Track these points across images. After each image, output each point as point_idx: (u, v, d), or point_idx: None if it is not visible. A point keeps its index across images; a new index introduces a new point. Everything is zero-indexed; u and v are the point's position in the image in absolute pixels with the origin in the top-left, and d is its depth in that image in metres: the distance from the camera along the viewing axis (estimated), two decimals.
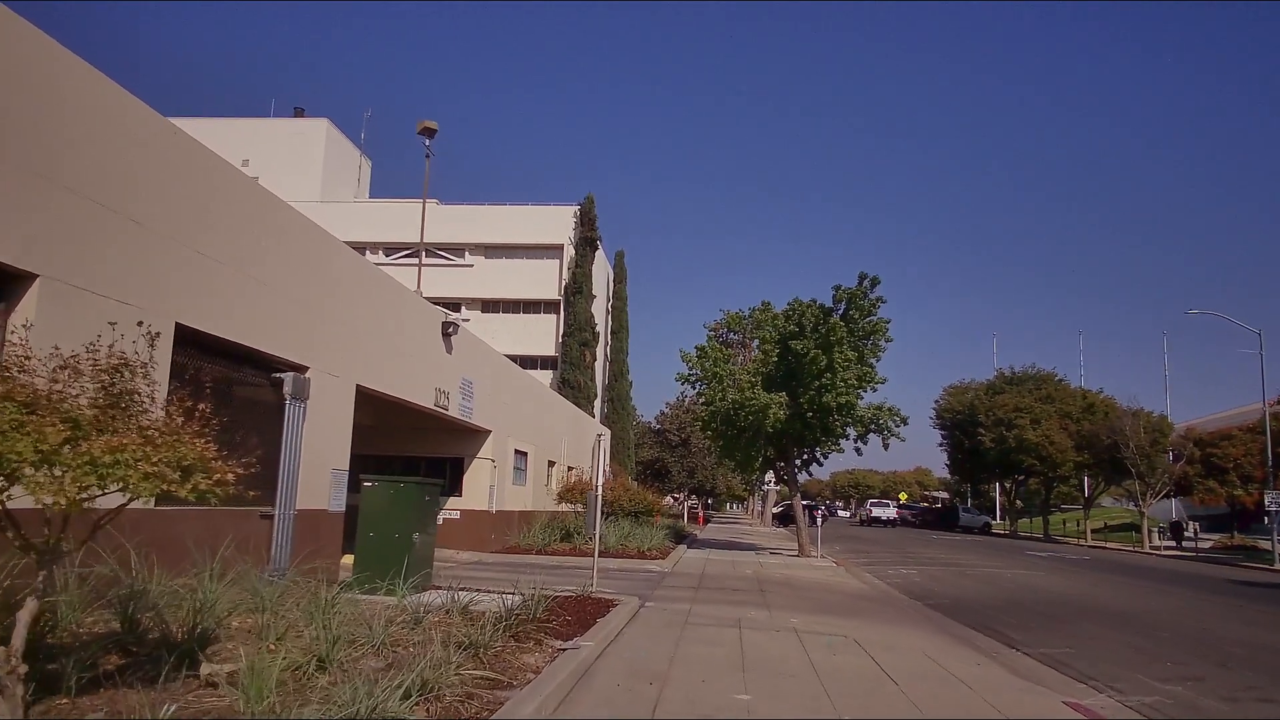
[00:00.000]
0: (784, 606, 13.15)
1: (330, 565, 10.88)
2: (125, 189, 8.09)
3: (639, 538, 21.52)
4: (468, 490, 20.12)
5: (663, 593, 14.22)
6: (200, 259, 9.10)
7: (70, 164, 7.46)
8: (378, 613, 7.68)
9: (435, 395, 16.08)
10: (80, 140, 7.60)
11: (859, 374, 23.92)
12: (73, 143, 7.50)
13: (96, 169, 7.78)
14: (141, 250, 8.26)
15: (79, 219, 7.51)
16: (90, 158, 7.71)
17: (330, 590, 7.81)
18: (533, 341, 54.27)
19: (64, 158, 7.40)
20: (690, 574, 18.03)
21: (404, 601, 8.47)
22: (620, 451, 53.49)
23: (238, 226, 9.88)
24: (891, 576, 20.58)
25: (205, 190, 9.37)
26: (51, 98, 7.31)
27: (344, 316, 12.40)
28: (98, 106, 7.87)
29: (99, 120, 7.86)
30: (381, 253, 56.93)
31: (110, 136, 7.99)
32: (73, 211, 7.45)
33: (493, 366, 20.86)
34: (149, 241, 8.36)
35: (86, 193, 7.61)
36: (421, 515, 10.32)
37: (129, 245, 8.11)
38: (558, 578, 15.52)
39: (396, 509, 9.98)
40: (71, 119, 7.52)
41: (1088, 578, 22.37)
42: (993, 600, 16.04)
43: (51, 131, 7.28)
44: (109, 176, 7.92)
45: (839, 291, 24.32)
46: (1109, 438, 44.41)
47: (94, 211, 7.69)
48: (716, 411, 24.95)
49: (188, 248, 8.91)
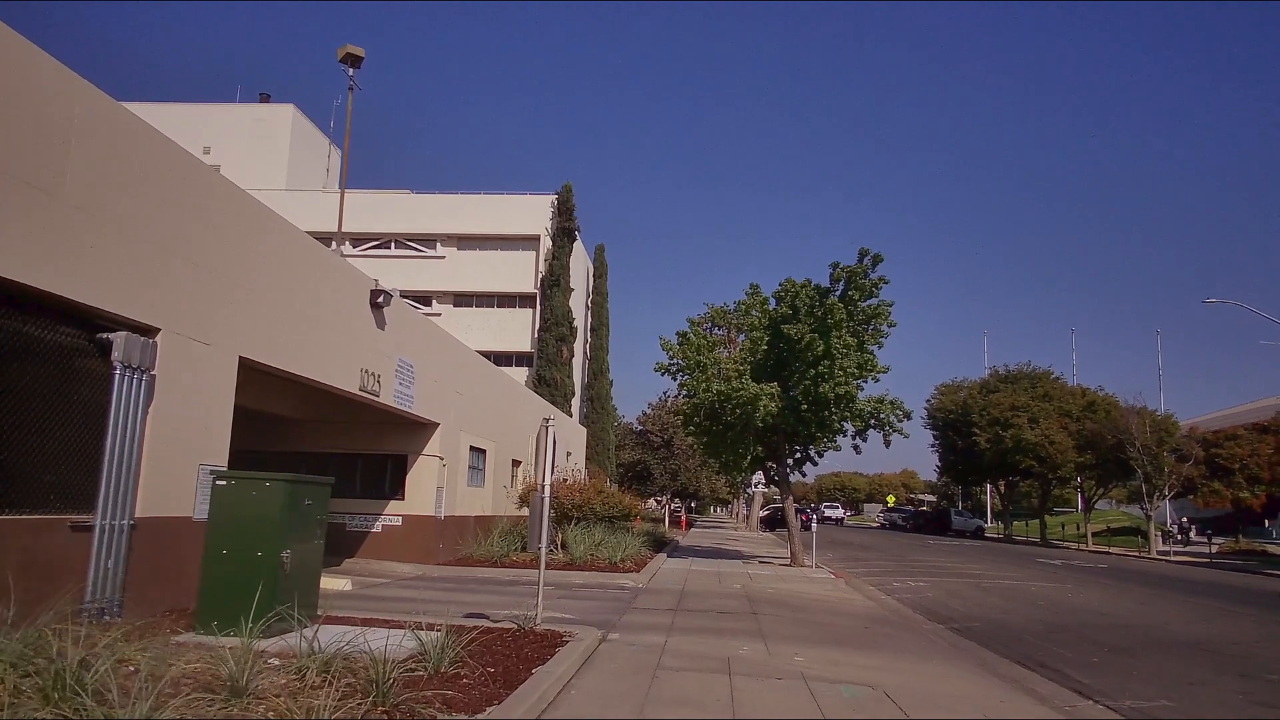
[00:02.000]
0: (784, 636, 10.51)
1: (193, 593, 8.13)
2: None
3: (612, 546, 18.84)
4: (411, 492, 17.36)
5: (633, 618, 11.54)
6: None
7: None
8: (178, 674, 4.97)
9: (361, 378, 13.34)
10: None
11: (859, 361, 21.33)
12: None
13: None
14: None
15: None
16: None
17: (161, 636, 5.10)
18: (508, 337, 51.58)
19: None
20: (669, 590, 15.36)
21: (250, 649, 5.72)
22: (600, 453, 50.81)
23: (35, 128, 7.13)
24: (900, 590, 17.99)
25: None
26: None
27: (225, 270, 9.66)
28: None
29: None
30: (349, 243, 54.04)
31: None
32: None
33: (442, 350, 18.12)
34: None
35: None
36: (298, 525, 7.59)
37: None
38: (508, 598, 12.78)
39: (260, 517, 7.23)
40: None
41: (1123, 591, 19.84)
42: (1030, 623, 13.46)
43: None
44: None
45: (837, 270, 21.73)
46: (1114, 437, 42.10)
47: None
48: (700, 404, 22.28)
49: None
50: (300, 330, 11.35)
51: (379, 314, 13.96)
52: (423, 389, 16.32)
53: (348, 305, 12.97)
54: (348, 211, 54.99)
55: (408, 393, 15.39)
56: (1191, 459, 41.50)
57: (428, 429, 17.43)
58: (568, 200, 50.75)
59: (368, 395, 13.61)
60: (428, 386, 16.66)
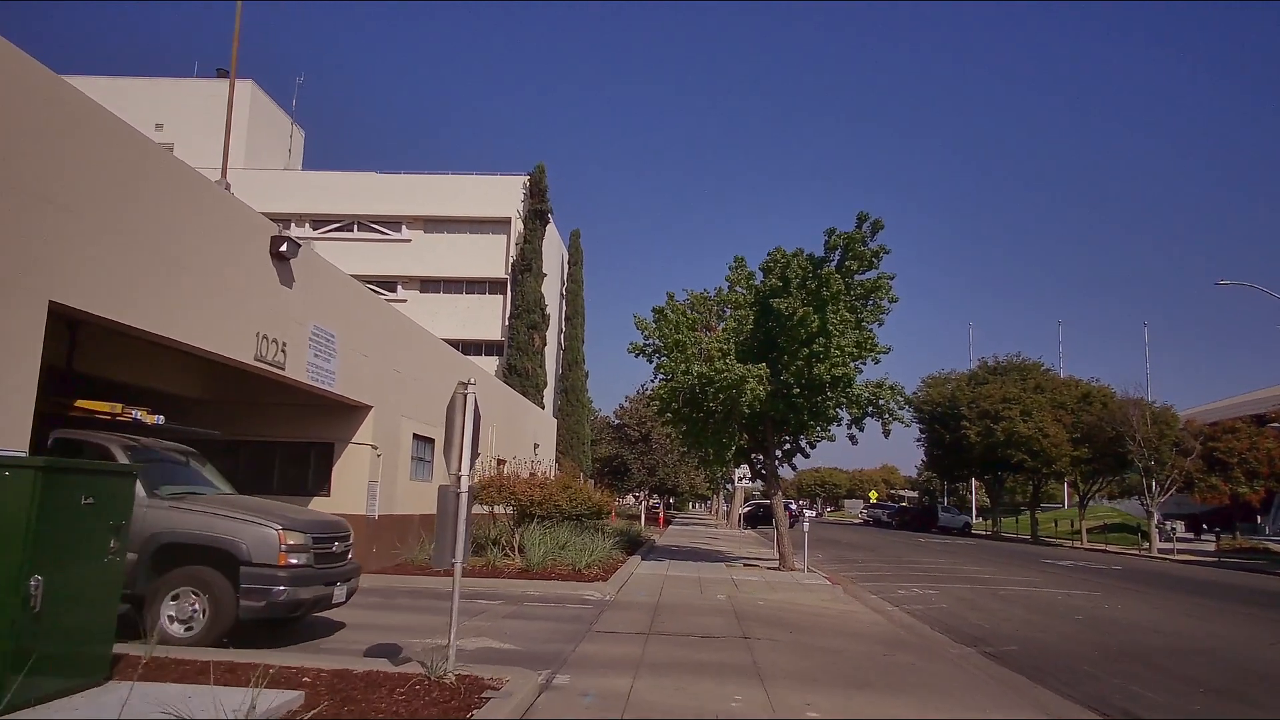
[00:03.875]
0: (786, 672, 8.06)
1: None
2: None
3: (577, 549, 16.31)
4: (339, 488, 14.72)
5: (592, 647, 9.03)
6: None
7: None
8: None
9: (258, 344, 10.70)
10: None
11: (857, 340, 18.95)
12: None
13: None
14: None
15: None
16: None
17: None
18: (477, 325, 48.90)
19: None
20: (640, 604, 12.87)
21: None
22: (574, 447, 48.31)
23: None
24: (907, 600, 15.63)
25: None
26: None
27: (32, 186, 7.04)
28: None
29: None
30: (308, 225, 51.09)
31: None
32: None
33: (377, 321, 15.49)
34: None
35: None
36: (67, 536, 5.01)
37: None
38: (443, 617, 10.21)
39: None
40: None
41: (1161, 599, 17.54)
42: (1077, 645, 11.10)
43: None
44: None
45: (833, 237, 19.29)
46: (1113, 430, 40.12)
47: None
48: (679, 388, 19.78)
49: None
50: (159, 275, 8.72)
51: (284, 267, 11.31)
52: (349, 365, 13.69)
53: (238, 252, 10.34)
54: (308, 193, 52.40)
55: (326, 367, 12.75)
56: (1193, 453, 39.59)
57: (358, 413, 14.81)
58: (540, 181, 48.07)
59: (268, 367, 10.97)
60: (356, 362, 14.04)
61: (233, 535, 8.24)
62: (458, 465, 6.36)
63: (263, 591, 8.07)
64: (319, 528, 9.05)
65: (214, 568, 8.18)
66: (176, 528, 8.27)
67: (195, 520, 8.34)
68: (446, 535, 6.18)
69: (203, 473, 9.85)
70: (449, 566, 6.35)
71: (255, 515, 8.44)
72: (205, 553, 8.21)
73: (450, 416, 6.36)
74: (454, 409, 6.36)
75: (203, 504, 8.63)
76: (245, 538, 8.22)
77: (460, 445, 6.34)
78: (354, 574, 9.59)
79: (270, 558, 8.18)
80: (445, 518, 6.21)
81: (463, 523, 6.26)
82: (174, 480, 9.16)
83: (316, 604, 8.80)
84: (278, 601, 8.10)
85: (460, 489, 6.33)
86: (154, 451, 9.20)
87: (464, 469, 6.37)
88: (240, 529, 8.28)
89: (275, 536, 8.26)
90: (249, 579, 8.07)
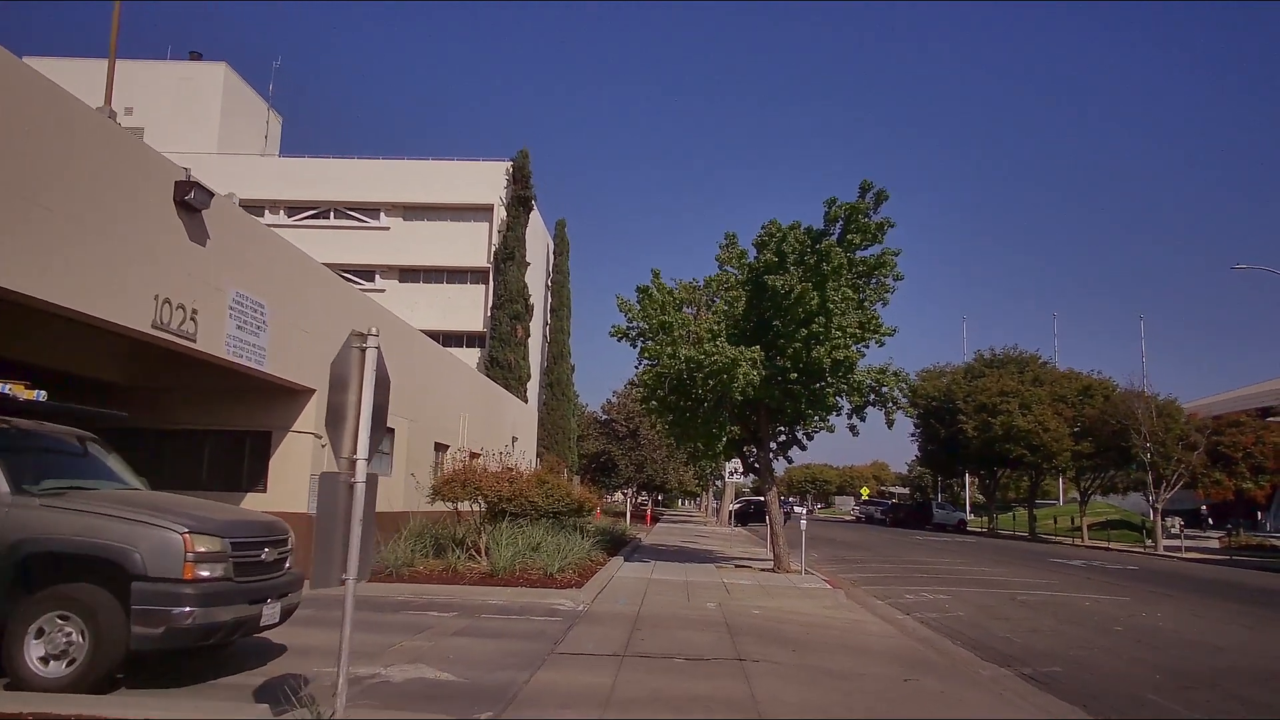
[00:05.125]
0: (791, 707, 6.40)
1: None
2: None
3: (551, 551, 14.61)
4: (276, 482, 12.97)
5: (550, 675, 7.33)
6: None
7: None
8: None
9: (157, 310, 8.96)
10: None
11: (861, 320, 17.32)
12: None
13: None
14: None
15: None
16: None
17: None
18: (458, 315, 47.09)
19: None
20: (618, 615, 11.18)
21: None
22: (560, 442, 46.59)
23: None
24: (917, 606, 14.01)
25: None
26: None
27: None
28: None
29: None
30: (283, 212, 49.17)
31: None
32: None
33: (319, 292, 13.72)
34: None
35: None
36: None
37: None
38: (380, 636, 8.50)
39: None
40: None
41: (1199, 606, 15.90)
42: (1131, 666, 9.48)
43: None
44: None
45: (833, 208, 17.63)
46: (1118, 423, 38.65)
47: None
48: (664, 374, 18.10)
49: None
50: (21, 221, 6.97)
51: (194, 221, 9.56)
52: (286, 341, 11.94)
53: (129, 198, 8.59)
54: (283, 179, 50.35)
55: (253, 342, 11.00)
56: (1200, 447, 38.17)
57: (299, 397, 13.06)
58: (524, 167, 46.24)
59: (172, 337, 9.22)
60: (294, 338, 12.30)
61: (123, 542, 6.24)
62: (351, 446, 4.66)
63: (161, 615, 6.10)
64: (244, 530, 7.06)
65: (98, 585, 6.25)
66: (48, 532, 6.30)
67: (74, 523, 6.37)
68: (332, 543, 4.48)
69: (104, 463, 7.95)
70: (338, 585, 4.65)
71: (155, 515, 6.42)
72: (86, 565, 6.27)
73: (339, 379, 4.64)
74: (345, 368, 4.64)
75: (87, 501, 6.68)
76: (140, 545, 6.21)
77: (355, 419, 4.64)
78: (292, 587, 7.64)
79: (172, 570, 6.21)
80: (330, 519, 4.50)
81: (358, 524, 4.57)
82: (55, 472, 7.28)
83: (239, 628, 6.75)
84: (182, 627, 6.14)
85: (355, 477, 4.63)
86: (32, 436, 7.40)
87: (360, 451, 4.66)
88: (134, 533, 6.29)
89: (179, 543, 6.24)
90: (143, 598, 6.11)
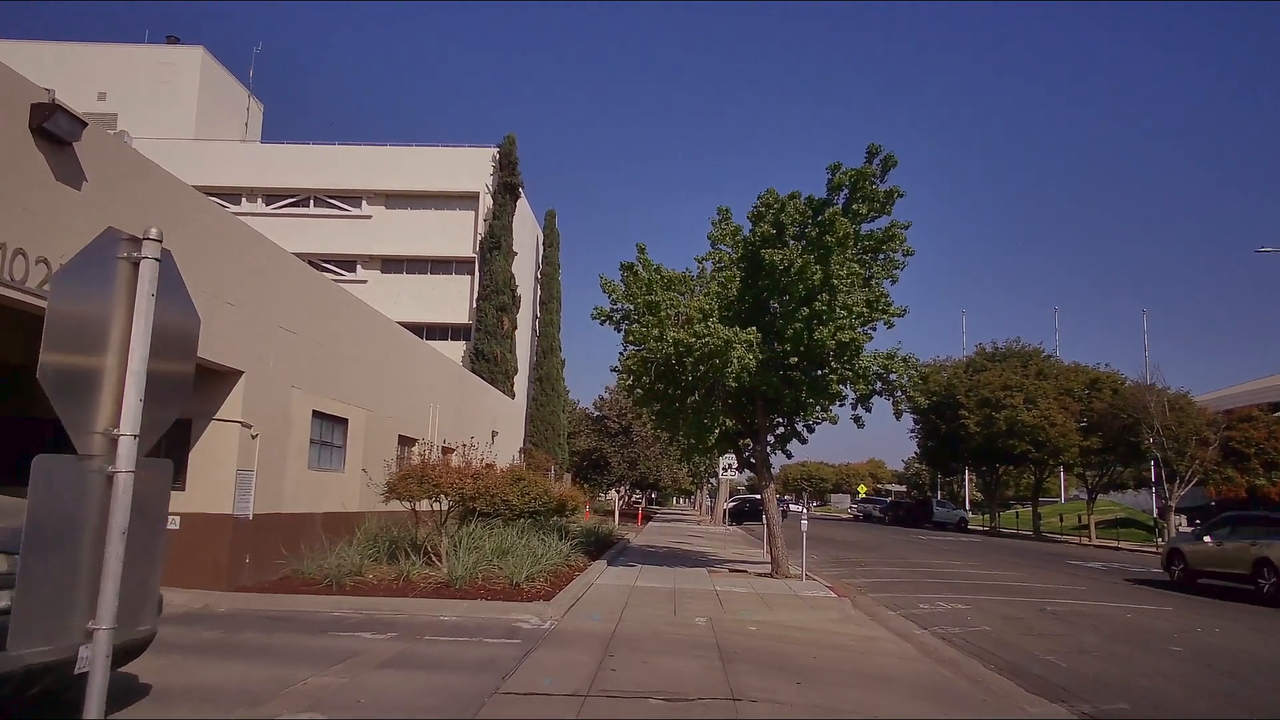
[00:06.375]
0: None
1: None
2: None
3: (519, 556, 12.86)
4: (197, 478, 11.18)
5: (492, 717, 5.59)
6: None
7: None
8: None
9: (6, 262, 7.18)
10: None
11: (868, 298, 15.60)
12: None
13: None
14: None
15: None
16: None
17: None
18: (443, 307, 45.27)
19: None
20: (589, 634, 9.42)
21: None
22: (550, 439, 44.74)
23: None
24: (934, 618, 12.29)
25: None
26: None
27: None
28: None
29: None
30: (261, 200, 47.27)
31: None
32: None
33: (248, 258, 11.92)
34: None
35: None
36: None
37: None
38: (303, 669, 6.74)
39: None
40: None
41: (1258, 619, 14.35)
42: (1207, 700, 7.78)
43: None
44: None
45: (837, 174, 15.87)
46: (1130, 417, 36.99)
47: None
48: (651, 359, 16.35)
49: None
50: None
51: (60, 155, 7.78)
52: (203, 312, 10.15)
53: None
54: (262, 165, 48.38)
55: None
56: (1214, 442, 36.54)
57: (223, 380, 11.28)
58: (511, 153, 44.38)
59: (21, 294, 7.44)
60: (217, 310, 10.53)
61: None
62: (111, 417, 2.92)
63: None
64: None
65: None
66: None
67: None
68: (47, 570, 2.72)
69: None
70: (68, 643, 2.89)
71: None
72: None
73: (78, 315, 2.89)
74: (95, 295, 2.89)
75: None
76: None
77: (120, 368, 2.90)
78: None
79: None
80: (50, 529, 2.74)
81: (118, 537, 2.81)
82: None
83: (33, 680, 4.50)
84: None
85: (116, 466, 2.87)
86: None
87: (124, 426, 2.91)
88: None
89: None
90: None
